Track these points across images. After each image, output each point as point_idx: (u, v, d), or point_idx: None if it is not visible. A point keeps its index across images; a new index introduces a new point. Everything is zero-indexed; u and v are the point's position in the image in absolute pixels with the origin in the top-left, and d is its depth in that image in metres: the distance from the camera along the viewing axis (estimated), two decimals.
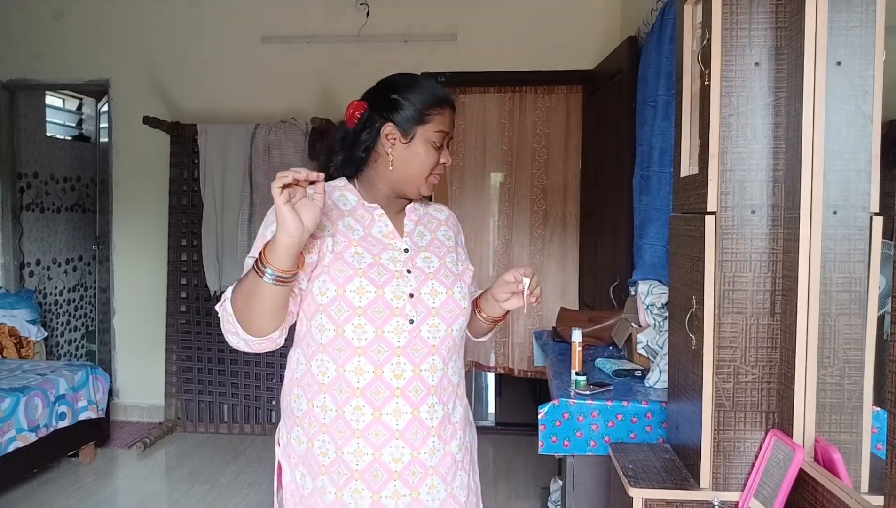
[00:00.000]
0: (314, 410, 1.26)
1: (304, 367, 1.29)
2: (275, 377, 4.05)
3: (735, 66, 1.30)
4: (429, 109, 1.31)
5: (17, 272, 4.52)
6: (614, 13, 3.89)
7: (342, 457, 1.24)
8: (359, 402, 1.24)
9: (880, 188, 1.17)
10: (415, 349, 1.26)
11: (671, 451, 1.59)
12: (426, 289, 1.29)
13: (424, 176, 1.33)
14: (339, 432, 1.24)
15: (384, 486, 1.25)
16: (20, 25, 4.26)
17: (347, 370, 1.24)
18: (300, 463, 1.29)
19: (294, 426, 1.30)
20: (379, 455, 1.24)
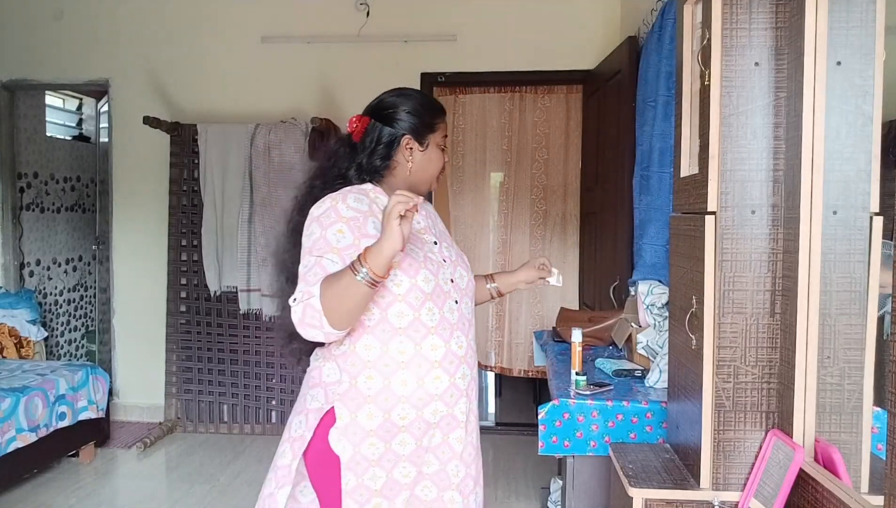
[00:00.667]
0: (392, 386, 1.42)
1: (378, 350, 1.42)
2: (275, 377, 4.05)
3: (735, 66, 1.30)
4: (435, 118, 1.55)
5: (17, 272, 4.52)
6: (614, 13, 3.89)
7: (422, 416, 1.44)
8: (438, 372, 1.43)
9: (880, 188, 1.17)
10: (463, 323, 1.50)
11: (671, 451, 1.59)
12: (457, 274, 1.53)
13: (436, 175, 1.57)
14: (420, 399, 1.43)
15: (452, 431, 1.49)
16: (20, 25, 4.26)
17: (424, 348, 1.42)
18: (370, 436, 1.42)
19: (363, 405, 1.42)
20: (451, 411, 1.47)
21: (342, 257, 1.35)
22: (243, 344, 4.08)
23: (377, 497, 1.43)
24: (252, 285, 3.99)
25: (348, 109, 4.07)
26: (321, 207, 1.42)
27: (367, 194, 1.48)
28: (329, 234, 1.37)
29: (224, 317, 4.08)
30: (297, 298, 1.32)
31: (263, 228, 3.94)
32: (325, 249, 1.36)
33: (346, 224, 1.39)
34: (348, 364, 1.44)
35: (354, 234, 1.38)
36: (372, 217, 1.43)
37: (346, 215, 1.40)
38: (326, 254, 1.35)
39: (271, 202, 3.93)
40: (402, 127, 1.52)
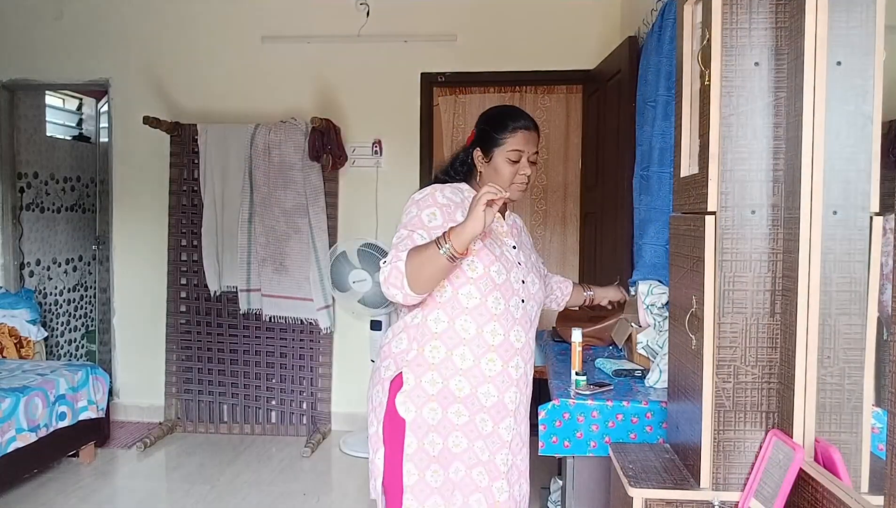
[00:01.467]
0: (453, 358, 1.62)
1: (445, 324, 1.62)
2: (275, 377, 4.06)
3: (735, 66, 1.30)
4: (502, 134, 1.71)
5: (17, 272, 4.52)
6: (614, 13, 3.89)
7: (475, 394, 1.62)
8: (492, 356, 1.62)
9: (880, 188, 1.17)
10: (525, 321, 1.68)
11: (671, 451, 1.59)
12: (529, 279, 1.73)
13: (506, 186, 1.69)
14: (475, 377, 1.62)
15: (502, 420, 1.65)
16: (20, 25, 4.26)
17: (485, 331, 1.61)
18: (430, 401, 1.62)
19: (427, 371, 1.62)
20: (502, 398, 1.64)
21: (430, 234, 1.56)
22: (243, 344, 4.08)
23: (434, 465, 1.61)
24: (252, 285, 4.00)
25: (348, 109, 4.08)
26: (422, 193, 1.67)
27: (461, 190, 1.74)
28: (424, 215, 1.61)
29: (224, 317, 4.09)
30: (387, 260, 1.53)
31: (263, 228, 3.94)
32: (417, 225, 1.59)
33: (439, 209, 1.62)
34: (418, 334, 1.64)
35: (445, 218, 1.61)
36: (462, 208, 1.65)
37: (440, 202, 1.64)
38: (418, 230, 1.58)
39: (271, 202, 3.93)
40: (477, 141, 1.75)
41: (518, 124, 1.72)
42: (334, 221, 4.05)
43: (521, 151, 1.71)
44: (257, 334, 4.07)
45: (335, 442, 3.90)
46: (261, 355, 4.07)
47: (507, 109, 1.79)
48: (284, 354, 4.06)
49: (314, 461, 3.66)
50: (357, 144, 4.07)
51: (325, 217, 3.93)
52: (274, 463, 3.61)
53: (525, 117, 1.75)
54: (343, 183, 4.11)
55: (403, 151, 4.07)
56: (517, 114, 1.76)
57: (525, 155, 1.72)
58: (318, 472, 3.51)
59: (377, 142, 4.05)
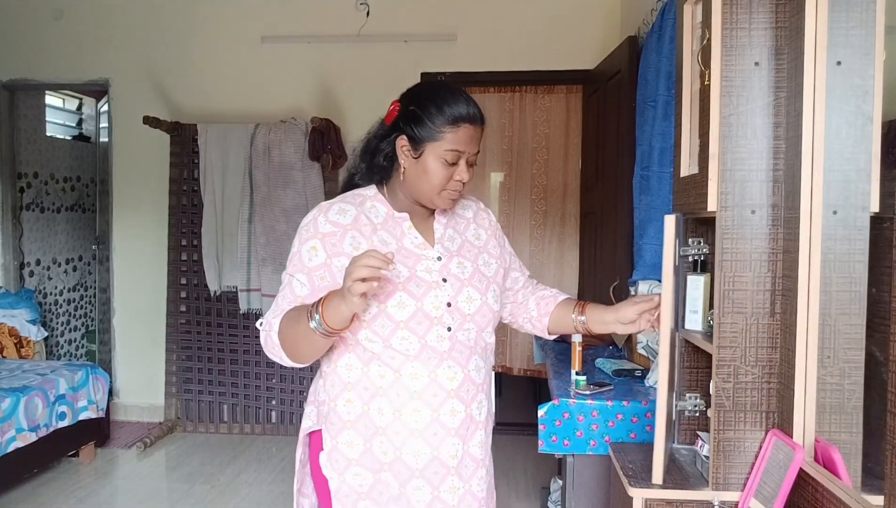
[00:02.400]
0: (370, 413, 1.29)
1: (358, 372, 1.31)
2: (274, 377, 4.05)
3: (735, 66, 1.30)
4: (442, 127, 1.28)
5: (17, 272, 4.51)
6: (614, 13, 3.89)
7: (402, 457, 1.29)
8: (417, 404, 1.28)
9: (880, 188, 1.17)
10: (459, 352, 1.31)
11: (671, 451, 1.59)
12: (462, 296, 1.33)
13: (436, 192, 1.31)
14: (396, 433, 1.29)
15: (442, 481, 1.30)
16: (20, 25, 4.26)
17: (404, 375, 1.28)
18: (353, 465, 1.31)
19: (343, 430, 1.31)
20: (437, 454, 1.29)
21: (311, 278, 1.28)
22: (243, 344, 4.08)
23: None
24: (252, 285, 4.00)
25: (348, 109, 4.08)
26: (307, 218, 1.33)
27: (359, 202, 1.35)
28: (304, 251, 1.29)
29: (224, 317, 4.09)
30: (262, 323, 1.30)
31: (263, 228, 3.94)
32: (297, 267, 1.29)
33: (320, 241, 1.29)
34: (328, 384, 1.34)
35: (328, 252, 1.28)
36: (353, 231, 1.30)
37: (322, 231, 1.29)
38: (297, 274, 1.29)
39: (271, 202, 3.93)
40: (404, 125, 1.32)
41: (462, 115, 1.28)
42: None
43: (461, 152, 1.29)
44: (257, 334, 4.05)
45: None
46: (261, 355, 4.06)
47: (445, 89, 1.32)
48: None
49: None
50: (357, 144, 4.05)
51: None
52: (274, 463, 3.61)
53: (470, 104, 1.30)
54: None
55: None
56: (460, 99, 1.30)
57: (465, 156, 1.30)
58: None
59: None
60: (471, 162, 1.33)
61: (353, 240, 1.29)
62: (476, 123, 1.31)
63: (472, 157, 1.32)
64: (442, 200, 1.33)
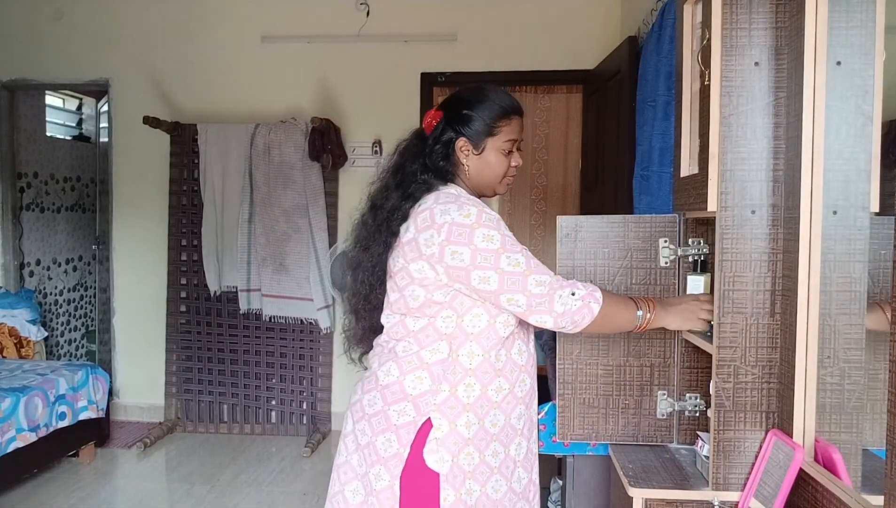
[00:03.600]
0: (488, 393, 1.42)
1: (479, 358, 1.42)
2: (274, 377, 4.05)
3: (735, 66, 1.30)
4: (497, 122, 1.46)
5: (17, 272, 4.51)
6: (614, 13, 3.89)
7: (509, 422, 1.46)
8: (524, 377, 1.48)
9: (880, 188, 1.17)
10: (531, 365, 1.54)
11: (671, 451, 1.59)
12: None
13: (499, 180, 1.50)
14: (509, 404, 1.45)
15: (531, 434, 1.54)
16: (20, 25, 4.26)
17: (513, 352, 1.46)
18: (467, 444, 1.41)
19: (462, 413, 1.40)
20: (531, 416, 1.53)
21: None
22: (243, 344, 4.08)
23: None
24: (252, 285, 3.99)
25: (348, 109, 4.08)
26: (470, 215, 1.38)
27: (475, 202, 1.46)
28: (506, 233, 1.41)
29: (224, 317, 4.08)
30: (579, 294, 1.35)
31: (263, 228, 3.94)
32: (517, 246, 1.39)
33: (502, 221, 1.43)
34: (447, 372, 1.41)
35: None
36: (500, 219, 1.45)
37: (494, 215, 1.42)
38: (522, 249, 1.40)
39: (271, 202, 3.93)
40: (460, 128, 1.47)
41: (513, 108, 1.49)
42: (334, 221, 4.05)
43: (515, 141, 1.49)
44: (257, 334, 4.07)
45: (335, 442, 3.87)
46: (261, 355, 4.07)
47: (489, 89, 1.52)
48: (284, 354, 4.06)
49: (314, 461, 3.66)
50: (357, 144, 4.07)
51: (325, 217, 3.93)
52: (274, 463, 3.61)
53: (513, 98, 1.52)
54: (343, 183, 4.11)
55: None
56: (504, 95, 1.51)
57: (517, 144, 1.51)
58: (318, 472, 3.51)
59: (377, 142, 4.04)
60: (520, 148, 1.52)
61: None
62: (522, 114, 1.52)
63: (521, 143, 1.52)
64: (503, 186, 1.52)
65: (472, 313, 1.40)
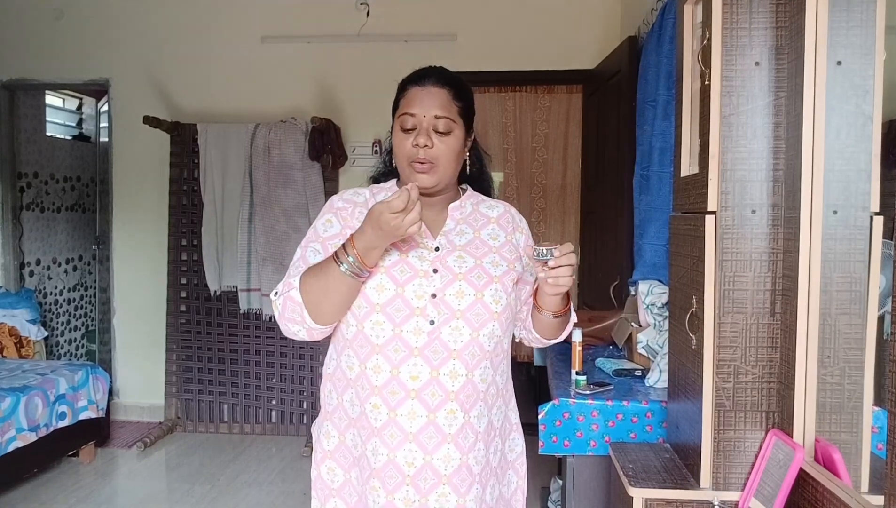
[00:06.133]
0: (343, 405, 1.29)
1: (335, 362, 1.32)
2: (274, 377, 4.05)
3: (735, 65, 1.30)
4: (398, 98, 1.33)
5: (17, 272, 4.51)
6: (614, 13, 3.89)
7: (365, 453, 1.25)
8: (376, 400, 1.22)
9: (880, 188, 1.17)
10: (433, 351, 1.21)
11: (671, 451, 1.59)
12: (452, 290, 1.23)
13: (405, 165, 1.28)
14: (363, 428, 1.25)
15: (397, 489, 1.22)
16: (20, 25, 4.26)
17: (368, 368, 1.23)
18: (328, 457, 1.32)
19: (325, 421, 1.34)
20: (393, 457, 1.22)
21: (325, 247, 1.27)
22: (243, 344, 4.08)
23: None
24: (252, 284, 3.99)
25: (348, 109, 4.08)
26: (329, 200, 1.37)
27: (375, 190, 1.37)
28: (319, 224, 1.31)
29: (224, 317, 4.09)
30: (278, 291, 1.23)
31: (263, 228, 3.94)
32: (311, 238, 1.30)
33: (334, 215, 1.31)
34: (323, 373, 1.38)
35: (342, 223, 1.30)
36: (363, 208, 1.30)
37: (336, 206, 1.32)
38: (311, 244, 1.29)
39: (271, 202, 3.93)
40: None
41: (410, 80, 1.32)
42: None
43: (410, 115, 1.26)
44: (257, 334, 4.07)
45: None
46: (261, 355, 4.07)
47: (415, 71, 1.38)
48: (284, 354, 4.06)
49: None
50: (357, 144, 4.07)
51: None
52: (274, 463, 3.61)
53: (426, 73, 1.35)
54: (343, 183, 4.11)
55: None
56: (420, 70, 1.37)
57: (419, 119, 1.26)
58: None
59: (377, 142, 4.04)
60: (441, 130, 1.26)
61: (363, 216, 1.25)
62: (423, 84, 1.30)
63: (431, 120, 1.26)
64: (413, 173, 1.26)
65: None
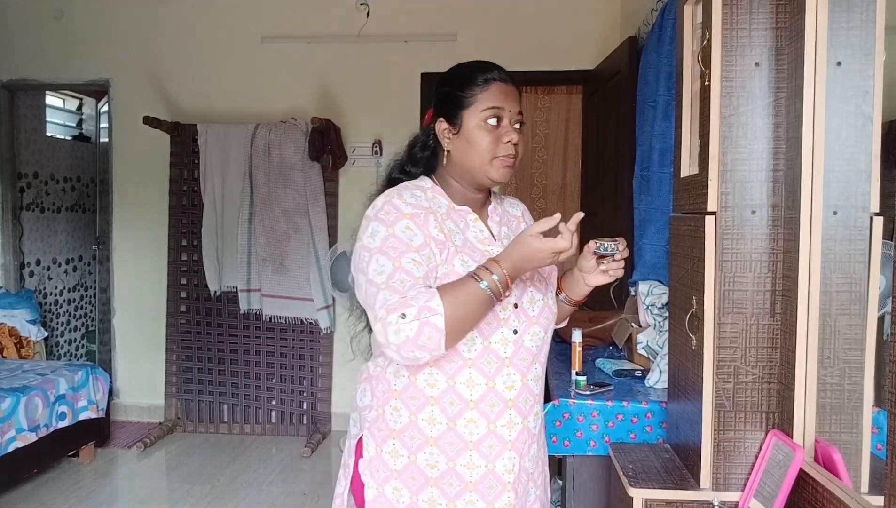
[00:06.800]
0: (419, 423, 1.22)
1: (405, 379, 1.23)
2: (275, 377, 4.05)
3: (735, 66, 1.30)
4: (468, 89, 1.25)
5: (17, 272, 4.51)
6: (614, 13, 3.89)
7: (454, 469, 1.21)
8: (472, 414, 1.20)
9: (880, 188, 1.17)
10: (521, 359, 1.23)
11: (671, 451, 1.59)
12: (526, 297, 1.26)
13: (487, 161, 1.23)
14: (451, 444, 1.21)
15: (498, 497, 1.23)
16: (20, 25, 4.26)
17: (459, 383, 1.20)
18: (393, 477, 1.23)
19: (388, 439, 1.24)
20: (493, 467, 1.22)
21: (422, 257, 1.16)
22: (243, 344, 4.08)
23: None
24: (252, 285, 4.00)
25: (348, 109, 4.08)
26: (376, 205, 1.21)
27: (424, 190, 1.27)
28: (398, 231, 1.16)
29: (224, 317, 4.09)
30: (410, 314, 1.08)
31: (263, 228, 3.94)
32: (401, 248, 1.15)
33: (410, 221, 1.18)
34: (379, 390, 1.26)
35: (422, 232, 1.18)
36: (431, 214, 1.21)
37: (406, 212, 1.19)
38: (406, 254, 1.14)
39: (271, 202, 3.93)
40: (438, 108, 1.29)
41: (490, 75, 1.26)
42: (334, 221, 4.05)
43: (499, 108, 1.23)
44: (257, 334, 4.07)
45: (335, 442, 3.90)
46: (261, 355, 4.07)
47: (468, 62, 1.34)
48: (284, 354, 4.06)
49: (314, 461, 3.66)
50: (357, 144, 4.07)
51: (326, 217, 3.93)
52: (274, 463, 3.61)
53: (498, 68, 1.30)
54: (343, 183, 4.11)
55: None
56: (483, 63, 1.31)
57: (507, 114, 1.24)
58: (317, 472, 3.51)
59: (377, 142, 4.05)
60: (518, 123, 1.26)
61: (436, 223, 1.20)
62: (507, 81, 1.27)
63: (515, 116, 1.25)
64: (495, 169, 1.24)
65: None
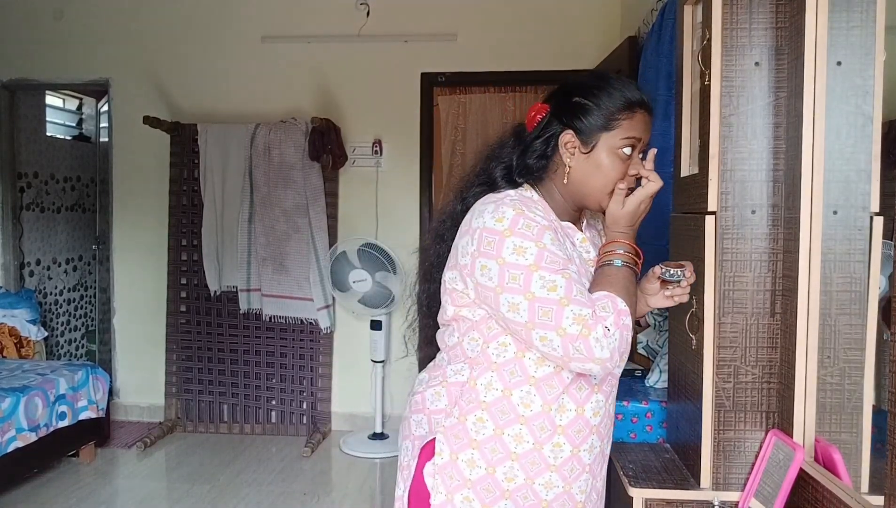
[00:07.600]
0: (504, 437, 1.17)
1: (498, 393, 1.18)
2: (275, 377, 4.05)
3: (735, 66, 1.30)
4: (616, 113, 1.16)
5: (17, 272, 4.51)
6: (614, 13, 3.89)
7: (532, 486, 1.18)
8: (559, 440, 1.18)
9: (880, 188, 1.17)
10: (607, 383, 1.22)
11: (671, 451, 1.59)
12: None
13: (608, 190, 1.18)
14: (533, 463, 1.18)
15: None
16: (20, 25, 4.26)
17: (553, 409, 1.17)
18: (466, 487, 1.19)
19: (467, 448, 1.19)
20: (569, 489, 1.20)
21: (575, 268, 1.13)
22: (243, 344, 4.08)
23: None
24: (252, 285, 4.00)
25: (348, 109, 4.08)
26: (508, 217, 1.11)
27: (535, 203, 1.19)
28: (547, 242, 1.10)
29: (224, 317, 4.08)
30: (611, 325, 1.05)
31: (263, 228, 3.94)
32: (560, 261, 1.09)
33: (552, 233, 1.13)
34: (463, 399, 1.21)
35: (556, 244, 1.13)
36: (550, 230, 1.13)
37: (543, 224, 1.12)
38: (569, 265, 1.10)
39: (271, 202, 3.93)
40: (569, 119, 1.18)
41: (638, 99, 1.17)
42: (334, 221, 4.05)
43: (637, 140, 1.18)
44: (257, 334, 4.07)
45: (335, 442, 3.90)
46: (261, 355, 4.07)
47: (613, 76, 1.22)
48: (284, 354, 4.06)
49: (314, 461, 3.66)
50: (357, 144, 4.07)
51: (325, 217, 3.93)
52: (274, 463, 3.61)
53: (644, 93, 1.19)
54: (343, 183, 4.11)
55: (403, 151, 4.07)
56: (631, 83, 1.20)
57: (640, 145, 1.20)
58: (318, 472, 3.51)
59: (377, 142, 4.05)
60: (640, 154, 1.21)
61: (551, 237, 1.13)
62: (651, 111, 1.20)
63: (642, 147, 1.21)
64: (609, 197, 1.19)
65: (500, 340, 1.17)
